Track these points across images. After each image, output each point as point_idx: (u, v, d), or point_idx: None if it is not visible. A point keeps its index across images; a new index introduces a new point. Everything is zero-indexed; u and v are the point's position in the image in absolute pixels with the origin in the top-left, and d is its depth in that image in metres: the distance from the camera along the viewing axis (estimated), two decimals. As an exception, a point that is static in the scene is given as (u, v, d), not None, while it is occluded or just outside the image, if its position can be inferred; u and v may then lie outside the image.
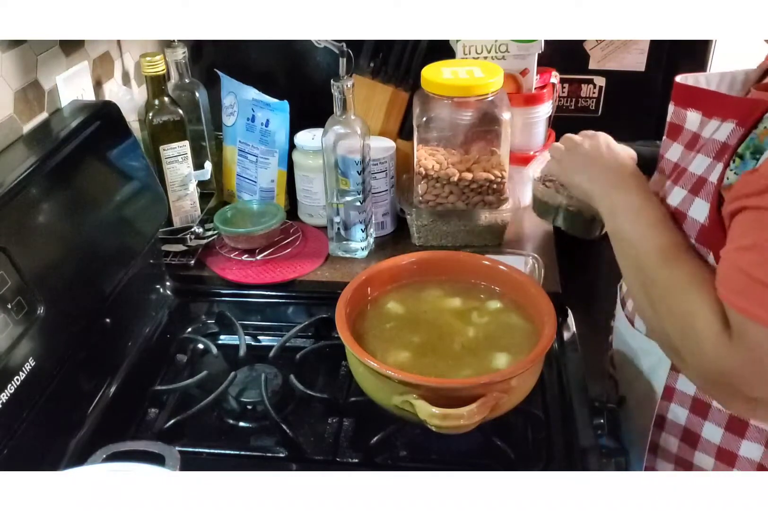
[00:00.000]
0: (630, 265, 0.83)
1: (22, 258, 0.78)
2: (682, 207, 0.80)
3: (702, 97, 0.84)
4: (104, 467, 0.72)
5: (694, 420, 0.87)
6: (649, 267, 0.79)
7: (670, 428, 0.90)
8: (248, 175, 1.32)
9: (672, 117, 0.87)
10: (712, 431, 0.86)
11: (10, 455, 0.74)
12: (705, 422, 0.86)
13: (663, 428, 0.91)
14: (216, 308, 1.15)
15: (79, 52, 1.08)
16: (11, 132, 0.93)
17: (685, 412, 0.88)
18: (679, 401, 0.88)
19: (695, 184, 0.79)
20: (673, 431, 0.90)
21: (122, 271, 0.98)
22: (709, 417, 0.86)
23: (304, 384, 0.95)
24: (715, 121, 0.79)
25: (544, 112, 1.28)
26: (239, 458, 0.89)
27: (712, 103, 0.82)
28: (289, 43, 1.33)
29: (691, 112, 0.84)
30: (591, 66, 1.37)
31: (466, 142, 1.18)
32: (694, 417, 0.87)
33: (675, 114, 0.87)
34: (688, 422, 0.88)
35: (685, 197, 0.80)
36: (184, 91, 1.25)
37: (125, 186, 1.03)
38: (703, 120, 0.82)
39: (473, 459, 0.89)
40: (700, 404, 0.86)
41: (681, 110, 0.85)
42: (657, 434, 0.92)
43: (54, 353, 0.82)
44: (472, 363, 0.86)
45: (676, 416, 0.89)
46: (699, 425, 0.87)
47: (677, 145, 0.86)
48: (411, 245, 1.26)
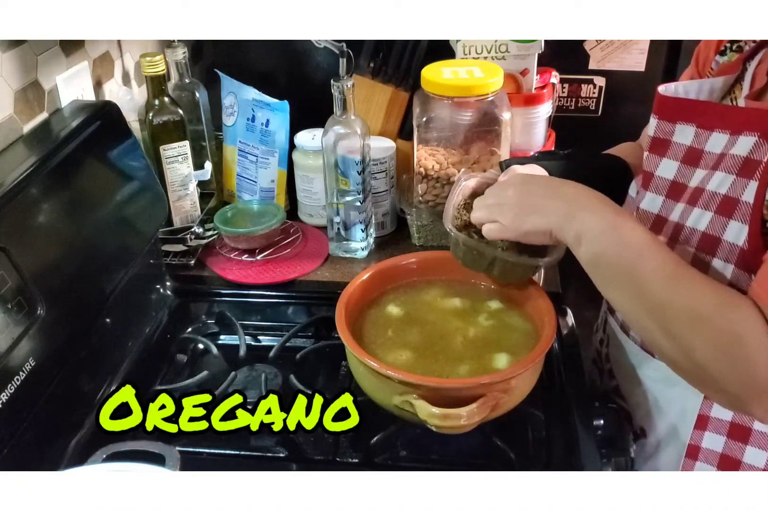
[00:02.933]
0: (625, 292, 0.73)
1: (22, 258, 0.78)
2: (712, 230, 0.74)
3: (693, 109, 0.80)
4: (104, 467, 0.72)
5: (734, 446, 0.83)
6: (655, 291, 0.70)
7: (705, 457, 0.86)
8: (248, 175, 1.32)
9: (656, 131, 0.83)
10: (754, 454, 0.82)
11: (10, 455, 0.74)
12: (746, 446, 0.82)
13: (697, 459, 0.87)
14: (216, 308, 1.15)
15: (79, 52, 1.08)
16: (11, 132, 0.93)
17: (722, 439, 0.83)
18: (714, 428, 0.83)
19: (723, 204, 0.73)
20: (709, 460, 0.86)
21: (122, 271, 0.98)
22: (751, 441, 0.82)
23: (304, 384, 0.95)
24: (721, 133, 0.76)
25: (544, 112, 1.28)
26: (239, 458, 0.89)
27: (709, 115, 0.78)
28: (289, 43, 1.34)
29: (681, 125, 0.80)
30: (591, 66, 1.37)
31: (466, 142, 1.18)
32: (732, 443, 0.83)
33: (659, 128, 0.82)
34: (726, 448, 0.83)
35: (713, 219, 0.74)
36: (184, 91, 1.25)
37: (125, 186, 1.03)
38: (698, 132, 0.79)
39: (473, 459, 0.89)
40: (738, 429, 0.82)
41: (666, 124, 0.81)
42: (689, 465, 0.88)
43: (54, 353, 0.82)
44: (472, 363, 0.86)
45: (713, 443, 0.84)
46: (740, 451, 0.83)
47: (669, 161, 0.82)
48: (411, 245, 1.26)
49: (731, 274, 0.74)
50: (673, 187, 0.82)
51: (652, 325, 0.72)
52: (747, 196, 0.71)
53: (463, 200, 0.90)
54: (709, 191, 0.76)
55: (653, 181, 0.85)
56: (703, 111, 0.80)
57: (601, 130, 1.11)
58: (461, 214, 0.90)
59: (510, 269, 0.89)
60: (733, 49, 0.86)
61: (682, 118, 0.81)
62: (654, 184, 0.85)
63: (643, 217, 0.86)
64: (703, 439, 0.85)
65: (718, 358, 0.68)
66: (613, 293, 0.76)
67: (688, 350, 0.69)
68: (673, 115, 0.81)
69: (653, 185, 0.85)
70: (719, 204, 0.74)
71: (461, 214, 0.90)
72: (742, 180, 0.72)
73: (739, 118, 0.76)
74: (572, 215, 0.76)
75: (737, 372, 0.67)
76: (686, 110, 0.81)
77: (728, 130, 0.75)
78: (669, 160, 0.82)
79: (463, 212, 0.90)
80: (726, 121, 0.77)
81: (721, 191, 0.74)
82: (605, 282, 0.76)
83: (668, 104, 0.82)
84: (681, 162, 0.81)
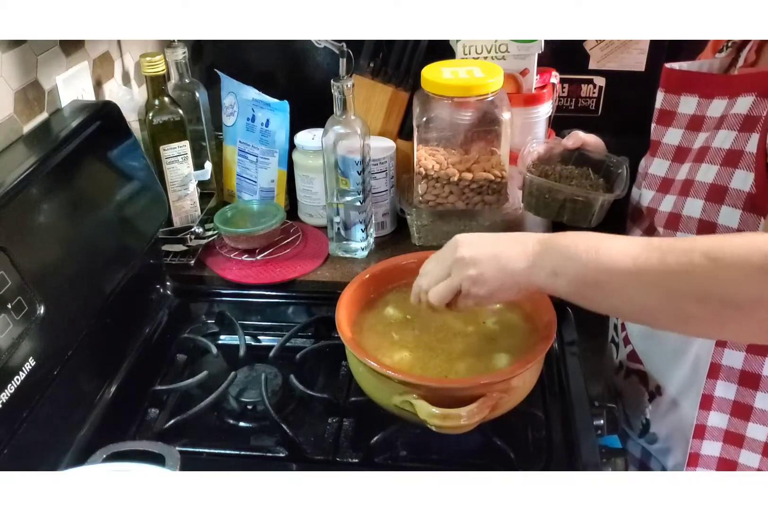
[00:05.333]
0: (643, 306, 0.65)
1: (22, 258, 0.78)
2: (720, 181, 0.79)
3: (697, 80, 0.85)
4: (104, 467, 0.72)
5: (746, 393, 0.86)
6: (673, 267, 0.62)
7: (719, 407, 0.88)
8: (248, 175, 1.32)
9: (663, 104, 0.89)
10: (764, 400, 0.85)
11: (11, 455, 0.74)
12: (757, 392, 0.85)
13: (710, 409, 0.88)
14: (216, 308, 1.15)
15: (79, 52, 1.08)
16: (11, 132, 0.93)
17: (734, 386, 0.86)
18: (725, 376, 0.86)
19: (727, 157, 0.79)
20: (722, 409, 0.88)
21: (122, 271, 0.98)
22: (761, 387, 0.84)
23: (304, 384, 0.95)
24: (720, 100, 0.81)
25: (544, 112, 1.28)
26: (239, 458, 0.89)
27: (710, 85, 0.83)
28: (289, 43, 1.34)
29: (685, 97, 0.86)
30: (591, 66, 1.37)
31: (466, 142, 1.18)
32: (744, 390, 0.85)
33: (666, 100, 0.88)
34: (738, 395, 0.86)
35: (719, 171, 0.80)
36: (184, 91, 1.25)
37: (125, 186, 1.03)
38: (701, 102, 0.84)
39: (473, 459, 0.89)
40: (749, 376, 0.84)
41: (673, 96, 0.87)
42: (704, 416, 0.89)
43: (54, 353, 0.82)
44: (472, 363, 0.86)
45: (726, 392, 0.87)
46: (751, 398, 0.85)
47: (674, 130, 0.87)
48: (411, 245, 1.26)
49: (739, 218, 0.78)
50: (679, 151, 0.87)
51: (681, 301, 0.63)
52: (750, 147, 0.76)
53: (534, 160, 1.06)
54: (714, 148, 0.81)
55: (660, 148, 0.90)
56: (705, 82, 0.85)
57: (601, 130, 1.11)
58: (536, 166, 1.04)
59: (579, 210, 0.98)
60: (729, 45, 0.90)
61: (686, 89, 0.86)
62: (661, 151, 0.90)
63: (651, 181, 0.91)
64: (716, 388, 0.87)
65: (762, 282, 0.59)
66: (623, 302, 0.67)
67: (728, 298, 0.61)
68: (678, 88, 0.86)
69: (660, 152, 0.90)
70: (724, 157, 0.79)
71: (536, 166, 1.04)
72: (744, 134, 0.77)
73: (737, 83, 0.81)
74: (534, 256, 0.69)
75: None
76: (690, 82, 0.86)
77: (727, 96, 0.81)
78: (674, 129, 0.88)
79: (534, 168, 1.04)
80: (725, 88, 0.82)
81: (725, 147, 0.79)
82: (606, 297, 0.67)
83: (674, 77, 0.87)
84: (685, 129, 0.86)
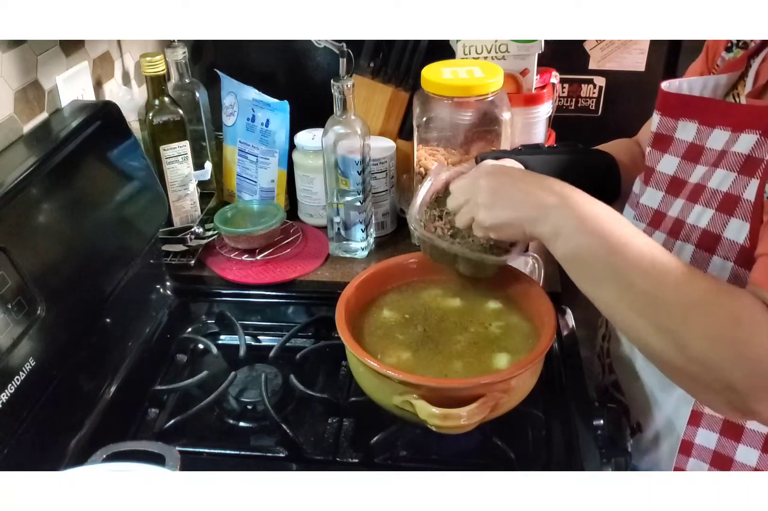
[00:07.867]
0: (609, 288, 0.69)
1: (22, 258, 0.78)
2: (713, 228, 0.74)
3: (696, 105, 0.80)
4: (104, 467, 0.72)
5: (726, 444, 0.81)
6: (642, 282, 0.66)
7: (698, 454, 0.85)
8: (248, 175, 1.32)
9: (659, 127, 0.83)
10: (746, 453, 0.80)
11: (10, 455, 0.74)
12: (738, 444, 0.80)
13: (690, 455, 0.85)
14: (216, 308, 1.15)
15: (79, 52, 1.08)
16: (11, 132, 0.93)
17: (715, 435, 0.82)
18: (707, 425, 0.82)
19: (724, 202, 0.73)
20: (702, 457, 0.84)
21: (122, 271, 0.98)
22: (743, 440, 0.80)
23: (304, 384, 0.95)
24: (722, 131, 0.76)
25: (544, 112, 1.28)
26: (239, 458, 0.89)
27: (711, 112, 0.78)
28: (289, 43, 1.34)
29: (684, 122, 0.80)
30: (591, 66, 1.37)
31: (466, 142, 1.18)
32: (725, 440, 0.81)
33: (662, 124, 0.82)
34: (719, 445, 0.82)
35: (714, 217, 0.74)
36: (184, 91, 1.25)
37: (125, 186, 1.03)
38: (700, 129, 0.78)
39: (473, 459, 0.89)
40: (731, 426, 0.80)
41: (669, 120, 0.81)
42: (683, 461, 0.86)
43: (54, 353, 0.82)
44: (472, 363, 0.86)
45: (706, 440, 0.83)
46: (732, 449, 0.81)
47: (670, 157, 0.82)
48: (411, 245, 1.26)
49: (730, 271, 0.73)
50: (673, 182, 0.82)
51: (640, 321, 0.67)
52: (748, 194, 0.71)
53: (434, 194, 0.89)
54: (711, 189, 0.76)
55: (654, 177, 0.85)
56: (705, 108, 0.80)
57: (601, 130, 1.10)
58: (432, 207, 0.88)
59: (475, 265, 0.89)
60: (738, 45, 0.86)
61: (684, 114, 0.80)
62: (654, 180, 0.85)
63: (642, 212, 0.87)
64: (697, 435, 0.84)
65: (716, 346, 0.63)
66: (595, 289, 0.71)
67: (682, 343, 0.65)
68: (676, 112, 0.81)
69: (654, 180, 0.85)
70: (720, 202, 0.74)
71: (432, 207, 0.88)
72: (744, 178, 0.72)
73: (741, 115, 0.76)
74: (547, 208, 0.72)
75: (739, 359, 0.62)
76: (689, 107, 0.80)
77: (730, 128, 0.75)
78: (670, 156, 0.82)
79: (434, 205, 0.88)
80: (728, 118, 0.76)
81: (722, 189, 0.74)
82: (586, 278, 0.72)
83: (671, 100, 0.82)
84: (682, 158, 0.81)
